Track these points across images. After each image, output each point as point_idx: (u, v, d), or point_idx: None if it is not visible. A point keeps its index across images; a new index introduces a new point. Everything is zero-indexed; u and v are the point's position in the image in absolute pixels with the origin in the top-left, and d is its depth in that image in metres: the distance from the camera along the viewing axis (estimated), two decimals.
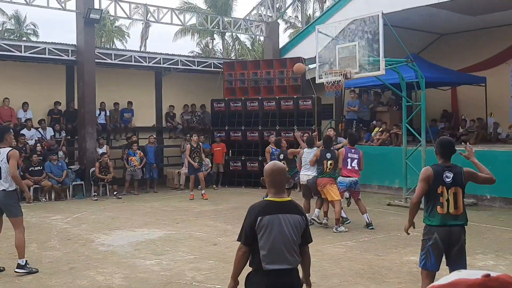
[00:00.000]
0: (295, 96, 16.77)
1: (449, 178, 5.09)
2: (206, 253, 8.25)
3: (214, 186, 16.80)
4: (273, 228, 3.61)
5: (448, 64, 17.28)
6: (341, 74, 11.62)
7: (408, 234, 5.59)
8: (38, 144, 14.75)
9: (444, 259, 5.15)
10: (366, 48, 11.61)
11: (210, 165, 16.94)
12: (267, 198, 3.81)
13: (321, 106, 17.16)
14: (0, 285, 6.71)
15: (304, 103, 16.60)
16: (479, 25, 17.08)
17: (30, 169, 14.11)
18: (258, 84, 17.67)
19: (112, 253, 8.35)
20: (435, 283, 1.98)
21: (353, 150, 10.28)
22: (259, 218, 3.62)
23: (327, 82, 11.98)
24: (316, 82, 12.80)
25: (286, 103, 16.84)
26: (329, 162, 9.99)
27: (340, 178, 10.24)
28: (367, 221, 10.08)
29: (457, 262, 4.98)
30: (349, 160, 10.14)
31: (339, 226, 9.80)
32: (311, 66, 17.06)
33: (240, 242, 3.73)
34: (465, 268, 5.01)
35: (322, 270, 7.20)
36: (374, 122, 16.86)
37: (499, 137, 16.67)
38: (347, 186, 10.21)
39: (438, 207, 5.08)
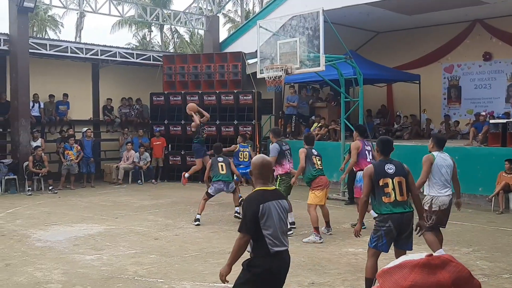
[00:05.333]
0: (235, 91, 16.77)
1: (391, 169, 5.49)
2: (147, 248, 8.16)
3: (153, 180, 16.61)
4: (272, 213, 3.94)
5: (384, 62, 17.84)
6: (282, 69, 11.77)
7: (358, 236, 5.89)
8: None
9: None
10: (307, 44, 11.81)
11: (150, 159, 16.73)
12: (259, 188, 4.07)
13: (261, 101, 17.26)
14: None
15: (245, 97, 16.64)
16: (414, 24, 17.74)
17: None
18: (198, 78, 17.53)
19: (49, 249, 8.10)
20: (385, 266, 2.11)
21: (366, 142, 9.58)
22: (261, 205, 3.91)
23: (268, 77, 12.10)
24: (257, 77, 12.88)
25: (226, 97, 16.82)
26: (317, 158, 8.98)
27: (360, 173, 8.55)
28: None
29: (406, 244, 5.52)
30: (366, 152, 9.36)
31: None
32: (251, 61, 17.15)
33: (240, 232, 3.94)
34: (411, 248, 5.48)
35: None
36: (313, 117, 17.15)
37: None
38: None
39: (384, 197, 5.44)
